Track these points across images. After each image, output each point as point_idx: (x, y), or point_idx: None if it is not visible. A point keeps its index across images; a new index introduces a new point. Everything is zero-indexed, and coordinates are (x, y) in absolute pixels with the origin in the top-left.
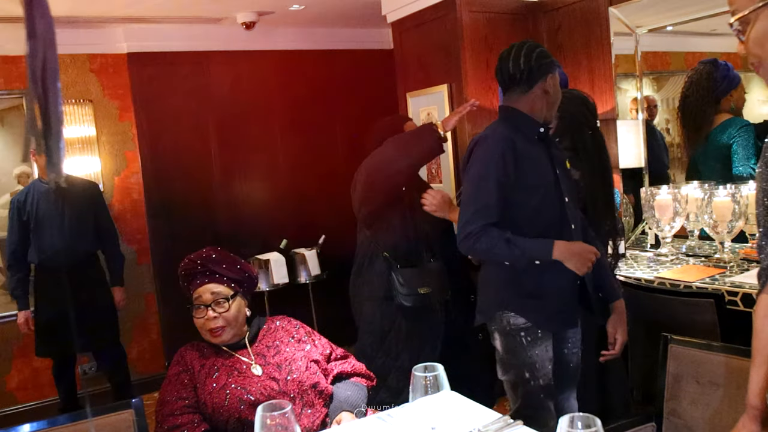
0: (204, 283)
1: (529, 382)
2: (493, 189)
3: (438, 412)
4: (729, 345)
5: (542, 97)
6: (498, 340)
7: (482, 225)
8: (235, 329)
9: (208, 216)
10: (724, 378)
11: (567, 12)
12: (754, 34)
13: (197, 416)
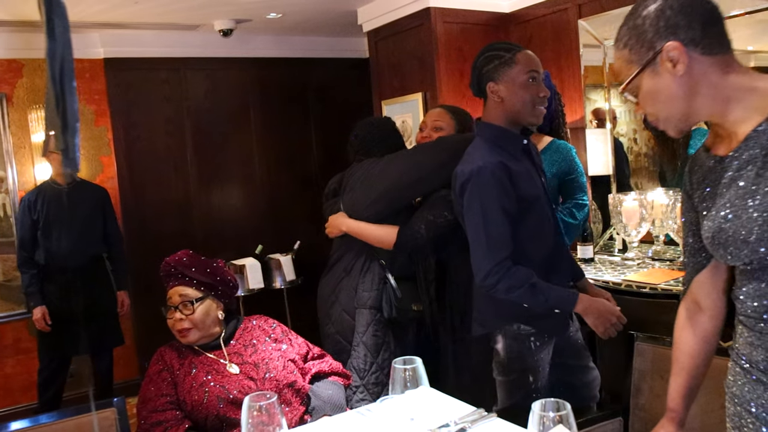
0: (174, 286)
1: (531, 384)
2: (500, 219)
3: (416, 406)
4: None
5: (498, 104)
6: (501, 343)
7: (500, 260)
8: (203, 331)
9: (183, 221)
10: None
11: (538, 24)
12: (644, 95)
13: (180, 412)
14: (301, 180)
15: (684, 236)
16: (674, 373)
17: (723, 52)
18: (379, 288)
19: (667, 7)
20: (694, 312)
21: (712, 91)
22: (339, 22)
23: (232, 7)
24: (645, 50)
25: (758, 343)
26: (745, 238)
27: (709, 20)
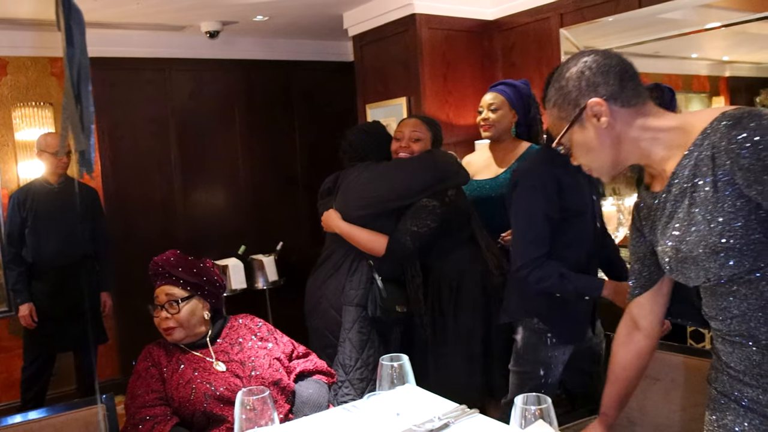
0: (161, 285)
1: (541, 378)
2: (541, 222)
3: (402, 402)
4: (666, 342)
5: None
6: (521, 334)
7: (534, 257)
8: (188, 330)
9: (167, 221)
10: (661, 372)
11: (521, 32)
12: (575, 148)
13: (169, 409)
14: (284, 181)
15: (631, 262)
16: (610, 382)
17: (640, 103)
18: (365, 287)
19: (586, 68)
20: (632, 330)
21: (635, 138)
22: (325, 26)
23: (219, 9)
24: (571, 108)
25: (730, 350)
26: (695, 262)
27: (624, 77)
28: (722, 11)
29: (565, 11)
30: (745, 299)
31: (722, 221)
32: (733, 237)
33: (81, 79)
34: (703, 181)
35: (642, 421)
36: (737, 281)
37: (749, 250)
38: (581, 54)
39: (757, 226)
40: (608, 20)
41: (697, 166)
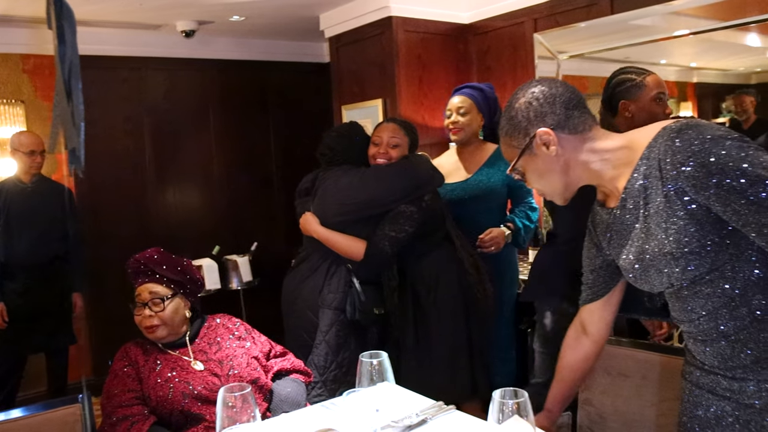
0: (144, 282)
1: None
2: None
3: (380, 399)
4: (635, 340)
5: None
6: (550, 318)
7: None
8: (171, 328)
9: (140, 221)
10: (632, 369)
11: (496, 36)
12: (528, 174)
13: (146, 408)
14: (259, 182)
15: (584, 272)
16: (556, 381)
17: (587, 128)
18: (344, 290)
19: (533, 99)
20: (580, 334)
21: (585, 161)
22: (301, 27)
23: (195, 9)
24: (522, 137)
25: (702, 348)
26: (656, 269)
27: (569, 105)
28: (691, 19)
29: (539, 16)
30: (709, 299)
31: (677, 229)
32: (690, 242)
33: (72, 77)
34: (654, 193)
35: (614, 417)
36: (699, 283)
37: (707, 252)
38: (529, 84)
39: (710, 228)
40: (581, 26)
41: (646, 179)
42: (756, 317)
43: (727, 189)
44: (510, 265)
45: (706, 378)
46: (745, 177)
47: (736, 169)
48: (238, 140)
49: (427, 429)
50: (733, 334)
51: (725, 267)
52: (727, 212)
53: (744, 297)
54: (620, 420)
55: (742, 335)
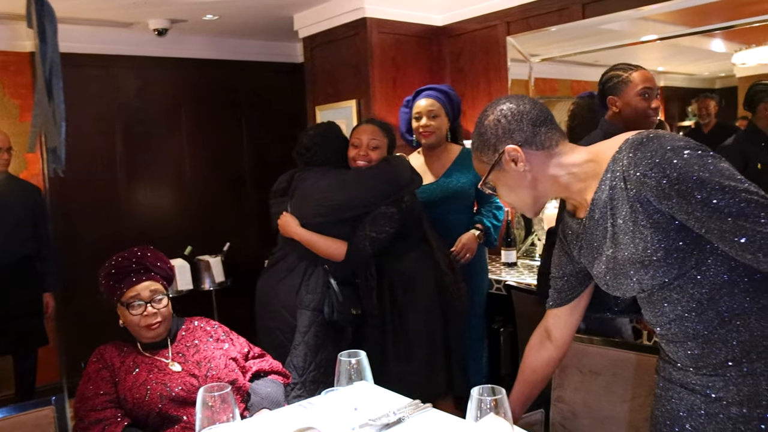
0: (141, 281)
1: None
2: None
3: (358, 398)
4: (607, 338)
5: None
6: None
7: None
8: (168, 323)
9: (112, 220)
10: (603, 367)
11: (469, 38)
12: (499, 189)
13: (120, 411)
14: (231, 182)
15: (553, 277)
16: (518, 382)
17: (554, 144)
18: (322, 291)
19: (502, 117)
20: (545, 339)
21: (552, 176)
22: (275, 27)
23: (168, 7)
24: (491, 153)
25: (675, 349)
26: (626, 276)
27: (536, 122)
28: (658, 24)
29: (512, 19)
30: (678, 303)
31: (644, 237)
32: (657, 250)
33: (53, 76)
34: (620, 203)
35: (585, 413)
36: (668, 288)
37: (673, 259)
38: (498, 102)
39: (675, 235)
40: (553, 30)
41: (612, 190)
42: (723, 319)
43: (688, 197)
44: (481, 264)
45: (678, 373)
46: (704, 185)
47: (696, 177)
48: (211, 140)
49: (404, 427)
50: (702, 336)
51: (692, 272)
52: (690, 220)
53: (711, 300)
54: (592, 416)
55: (711, 337)
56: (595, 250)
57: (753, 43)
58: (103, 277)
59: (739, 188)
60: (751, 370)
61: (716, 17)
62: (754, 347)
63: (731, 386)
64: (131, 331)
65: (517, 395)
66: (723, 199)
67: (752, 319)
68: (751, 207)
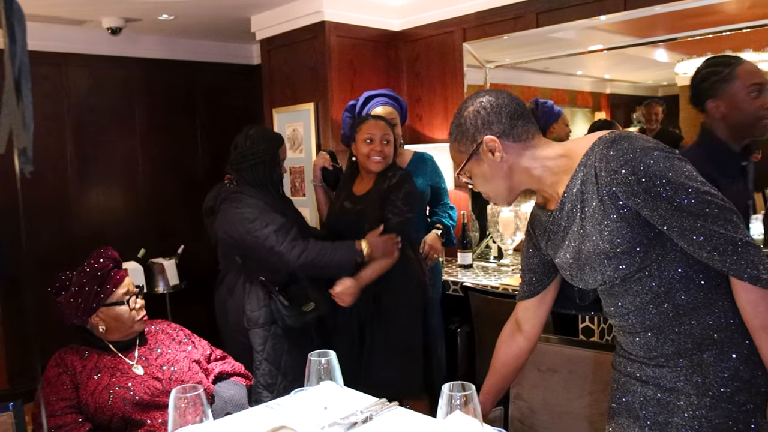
0: (123, 277)
1: None
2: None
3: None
4: (563, 337)
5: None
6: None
7: None
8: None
9: (61, 222)
10: (560, 365)
11: (425, 43)
12: (475, 178)
13: (80, 416)
14: (186, 184)
15: (522, 270)
16: (490, 374)
17: (530, 137)
18: (266, 304)
19: (481, 108)
20: (515, 331)
21: (527, 168)
22: (231, 28)
23: (123, 6)
24: (469, 143)
25: (631, 340)
26: (591, 268)
27: (514, 116)
28: (606, 34)
29: (468, 26)
30: (638, 295)
31: (611, 230)
32: (622, 243)
33: (22, 76)
34: (590, 197)
35: (543, 409)
36: (629, 280)
37: (636, 252)
38: (478, 95)
39: (640, 230)
40: (507, 37)
41: (583, 184)
42: (678, 312)
43: (654, 195)
44: (437, 264)
45: (633, 366)
46: (670, 185)
47: (662, 177)
48: (164, 140)
49: (371, 426)
50: (657, 327)
51: (652, 266)
52: (654, 216)
53: (668, 294)
54: (549, 412)
55: (666, 328)
56: (562, 241)
57: (694, 54)
58: (82, 285)
59: (701, 190)
60: (699, 360)
61: (660, 28)
62: (704, 340)
63: (682, 377)
64: (118, 332)
65: (489, 389)
66: (686, 199)
67: (704, 313)
68: (711, 208)
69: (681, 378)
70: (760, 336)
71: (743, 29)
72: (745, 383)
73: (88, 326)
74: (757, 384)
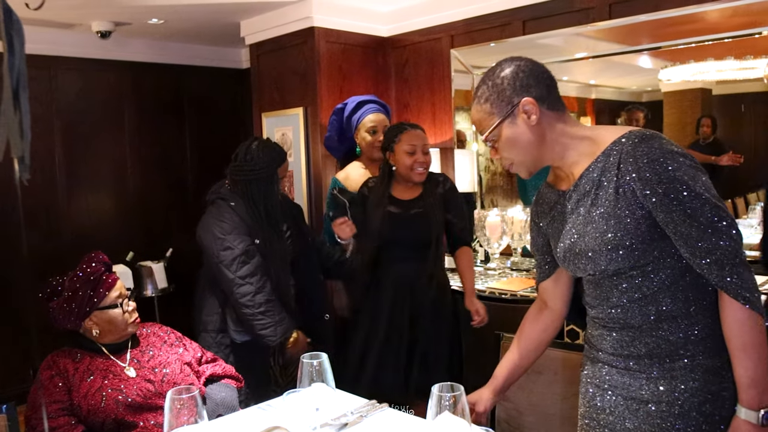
0: (115, 281)
1: None
2: None
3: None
4: None
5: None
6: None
7: None
8: None
9: (50, 225)
10: (545, 367)
11: (414, 49)
12: (503, 142)
13: (73, 418)
14: (175, 187)
15: (534, 254)
16: (510, 350)
17: (561, 110)
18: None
19: (519, 71)
20: (541, 308)
21: (554, 140)
22: (220, 33)
23: (113, 9)
24: (504, 104)
25: (606, 334)
26: (587, 255)
27: (550, 84)
28: (591, 41)
29: (456, 33)
30: (625, 293)
31: (618, 221)
32: (625, 236)
33: (20, 87)
34: (606, 186)
35: (529, 410)
36: (620, 276)
37: (634, 249)
38: (513, 59)
39: (645, 229)
40: (493, 45)
41: (604, 171)
42: (660, 317)
43: (671, 199)
44: None
45: (603, 370)
46: (688, 191)
47: (683, 183)
48: (153, 144)
49: (362, 426)
50: (635, 328)
51: (647, 267)
52: (665, 219)
53: (655, 297)
54: (535, 413)
55: (644, 330)
56: (564, 223)
57: (677, 61)
58: (75, 290)
59: (713, 202)
60: (670, 368)
61: (645, 36)
62: (678, 349)
63: (652, 384)
64: (111, 335)
65: (506, 362)
66: (700, 209)
67: (684, 323)
68: (721, 222)
69: (650, 386)
70: (739, 355)
71: (725, 39)
72: (713, 395)
73: (81, 330)
74: (723, 397)
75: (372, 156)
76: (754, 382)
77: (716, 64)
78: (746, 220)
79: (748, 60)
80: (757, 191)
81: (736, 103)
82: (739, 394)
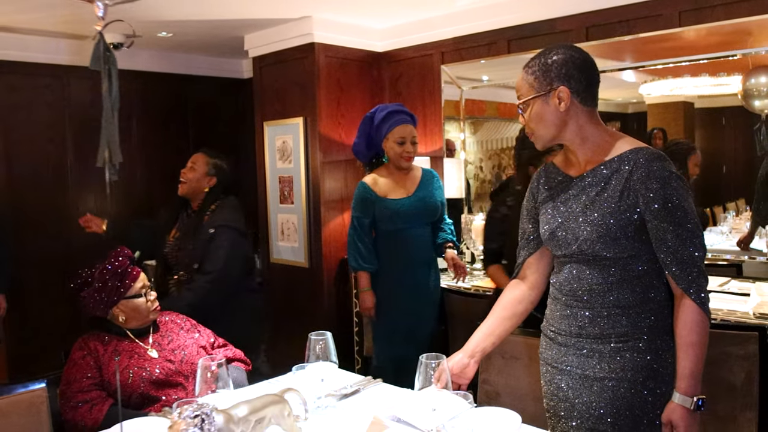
0: (139, 273)
1: None
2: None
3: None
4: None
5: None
6: None
7: None
8: None
9: (62, 230)
10: (521, 352)
11: (407, 64)
12: (530, 114)
13: (104, 392)
14: None
15: (522, 224)
16: (486, 319)
17: (592, 107)
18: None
19: (570, 60)
20: (521, 281)
21: (577, 130)
22: (225, 45)
23: (127, 24)
24: (545, 84)
25: (568, 313)
26: (573, 239)
27: (592, 82)
28: None
29: (446, 50)
30: (600, 275)
31: (614, 214)
32: (618, 229)
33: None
34: (614, 183)
35: (507, 392)
36: (597, 262)
37: (618, 241)
38: (571, 47)
39: (634, 228)
40: (482, 62)
41: (616, 171)
42: (618, 304)
43: (666, 209)
44: None
45: (559, 353)
46: (680, 207)
47: (677, 199)
48: (160, 151)
49: (359, 397)
50: (596, 309)
51: (619, 260)
52: (656, 225)
53: (618, 287)
54: (512, 395)
55: (601, 312)
56: (562, 204)
57: (656, 76)
58: (104, 282)
59: (695, 219)
60: (618, 349)
61: (626, 52)
62: (628, 333)
63: (603, 363)
64: (135, 321)
65: (482, 328)
66: (684, 222)
67: (639, 311)
68: (697, 236)
69: (603, 364)
70: (686, 350)
71: (701, 60)
72: (654, 372)
73: (108, 317)
74: (662, 374)
75: (399, 165)
76: (693, 373)
77: (693, 80)
78: (718, 227)
79: (722, 77)
80: (735, 201)
81: (718, 116)
82: (678, 381)
